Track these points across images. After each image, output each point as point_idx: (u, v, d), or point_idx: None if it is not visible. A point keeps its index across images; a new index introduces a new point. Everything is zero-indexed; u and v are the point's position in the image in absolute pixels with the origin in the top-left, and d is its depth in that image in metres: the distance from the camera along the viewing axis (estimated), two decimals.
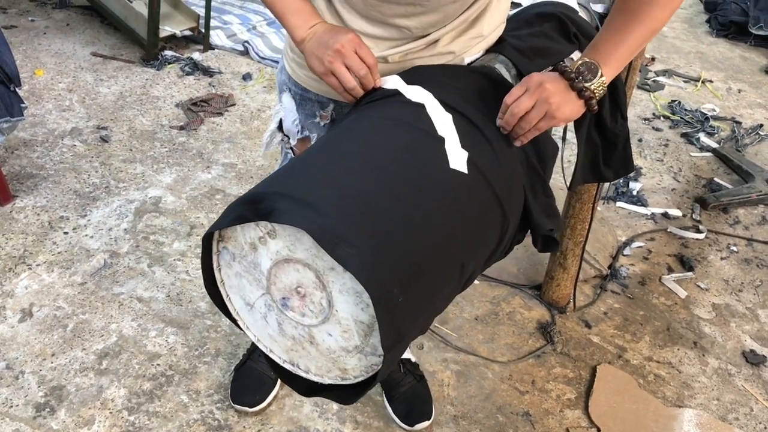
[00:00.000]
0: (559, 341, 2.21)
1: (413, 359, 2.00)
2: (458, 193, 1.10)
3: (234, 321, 1.20)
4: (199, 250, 2.39)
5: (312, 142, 1.58)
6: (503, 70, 1.44)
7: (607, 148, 1.78)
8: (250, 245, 1.10)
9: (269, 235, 1.06)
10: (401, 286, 0.95)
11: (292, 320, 1.08)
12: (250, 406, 1.88)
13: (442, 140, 1.15)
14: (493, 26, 1.43)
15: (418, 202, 1.04)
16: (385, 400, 1.94)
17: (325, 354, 1.06)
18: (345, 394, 1.07)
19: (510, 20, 1.63)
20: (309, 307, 1.05)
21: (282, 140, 1.67)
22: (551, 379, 2.09)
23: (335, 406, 1.92)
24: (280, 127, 1.66)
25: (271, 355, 1.16)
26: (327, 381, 1.08)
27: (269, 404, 1.91)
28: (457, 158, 1.14)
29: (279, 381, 1.95)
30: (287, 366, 1.14)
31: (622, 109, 1.75)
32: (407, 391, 1.92)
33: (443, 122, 1.19)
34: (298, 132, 1.59)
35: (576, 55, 1.61)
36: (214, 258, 1.15)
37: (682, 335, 2.31)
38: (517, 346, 2.19)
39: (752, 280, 2.59)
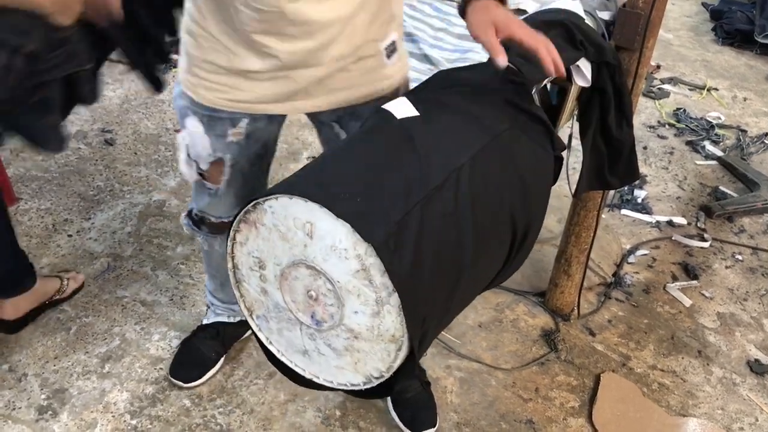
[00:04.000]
0: (562, 349, 2.21)
1: (422, 365, 1.98)
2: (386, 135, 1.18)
3: (311, 382, 1.22)
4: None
5: (226, 165, 1.53)
6: None
7: (612, 155, 1.78)
8: (262, 293, 1.15)
9: (261, 267, 1.10)
10: (352, 194, 1.02)
11: (330, 330, 1.10)
12: (185, 381, 1.94)
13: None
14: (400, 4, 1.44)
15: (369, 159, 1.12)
16: (390, 404, 1.92)
17: (371, 337, 1.07)
18: (409, 366, 1.10)
19: None
20: (327, 304, 1.07)
21: (196, 168, 1.57)
22: (555, 387, 2.08)
23: (338, 411, 1.92)
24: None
25: (353, 388, 1.17)
26: (397, 363, 1.09)
27: (204, 383, 1.95)
28: (403, 111, 1.20)
29: (219, 363, 1.99)
30: (369, 385, 1.15)
31: (627, 117, 1.75)
32: (413, 398, 1.90)
33: (394, 103, 1.25)
34: (209, 155, 1.52)
35: (582, 62, 1.62)
36: (261, 336, 1.21)
37: (687, 344, 2.30)
38: (520, 354, 2.18)
39: (757, 289, 2.58)
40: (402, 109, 1.20)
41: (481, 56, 3.97)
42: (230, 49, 1.34)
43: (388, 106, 1.21)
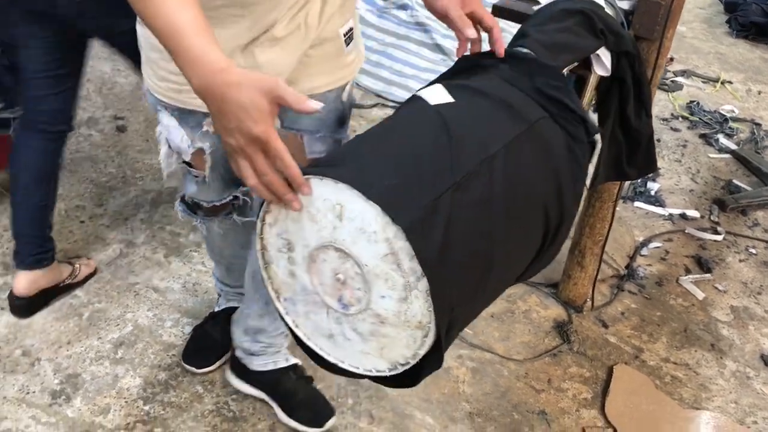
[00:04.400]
0: (575, 340, 2.20)
1: (299, 362, 1.90)
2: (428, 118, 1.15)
3: (335, 366, 1.21)
4: None
5: (207, 153, 1.47)
6: None
7: (630, 146, 1.77)
8: (290, 275, 1.14)
9: (289, 249, 1.10)
10: (383, 177, 1.01)
11: (357, 314, 1.09)
12: (198, 367, 1.94)
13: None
14: None
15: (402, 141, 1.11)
16: (284, 415, 1.84)
17: (398, 323, 1.06)
18: (435, 356, 1.09)
19: (535, 15, 1.62)
20: (355, 288, 1.07)
21: (176, 159, 1.52)
22: (567, 378, 2.07)
23: (350, 400, 1.92)
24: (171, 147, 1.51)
25: (379, 374, 1.16)
26: (423, 350, 1.08)
27: (217, 368, 1.96)
28: (437, 97, 1.18)
29: (229, 350, 1.96)
30: (394, 372, 1.14)
31: (646, 107, 1.73)
32: (304, 397, 1.85)
33: (428, 89, 1.22)
34: (189, 147, 1.46)
35: (602, 51, 1.60)
36: (288, 319, 1.20)
37: (700, 337, 2.29)
38: (533, 345, 2.17)
39: None
40: (436, 95, 1.18)
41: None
42: None
43: (423, 93, 1.20)
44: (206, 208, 1.67)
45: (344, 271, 1.07)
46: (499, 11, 1.89)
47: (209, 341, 1.98)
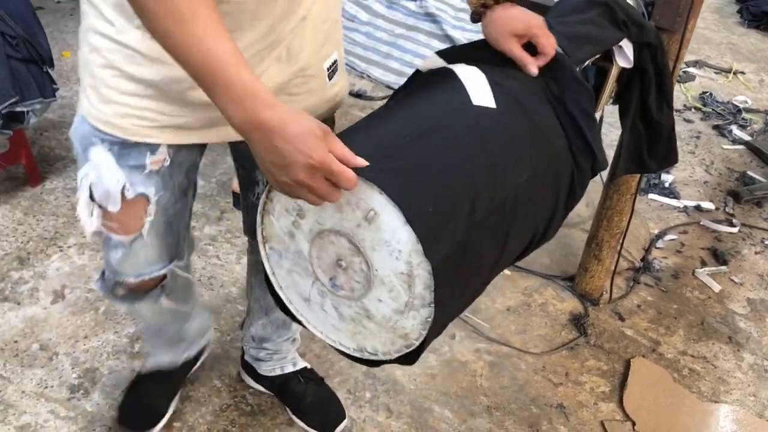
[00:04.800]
0: (592, 333, 2.19)
1: (308, 366, 1.87)
2: (483, 121, 1.14)
3: (300, 323, 1.20)
4: (230, 235, 2.38)
5: (151, 202, 1.25)
6: None
7: (651, 138, 1.75)
8: (288, 234, 1.12)
9: (299, 215, 1.07)
10: (426, 200, 0.99)
11: (345, 298, 1.08)
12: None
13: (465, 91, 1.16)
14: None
15: (438, 139, 1.08)
16: (295, 418, 1.81)
17: (384, 324, 1.06)
18: (407, 358, 1.09)
19: (557, 6, 1.60)
20: (354, 279, 1.05)
21: (98, 215, 1.24)
22: (585, 372, 2.07)
23: (368, 393, 1.91)
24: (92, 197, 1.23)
25: (341, 348, 1.17)
26: (395, 356, 1.08)
27: None
28: (480, 95, 1.15)
29: (169, 412, 1.78)
30: (358, 354, 1.14)
31: (668, 99, 1.72)
32: (313, 400, 1.81)
33: (468, 73, 1.20)
34: (126, 190, 1.21)
35: (624, 42, 1.58)
36: (266, 265, 1.17)
37: (717, 330, 2.28)
38: (550, 338, 2.16)
39: None
40: (479, 91, 1.16)
41: None
42: (160, 60, 1.06)
43: (467, 84, 1.18)
44: (132, 286, 1.39)
45: (349, 262, 1.05)
46: (518, 3, 1.87)
47: (146, 402, 1.78)
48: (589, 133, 1.26)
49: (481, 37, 1.37)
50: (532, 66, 1.26)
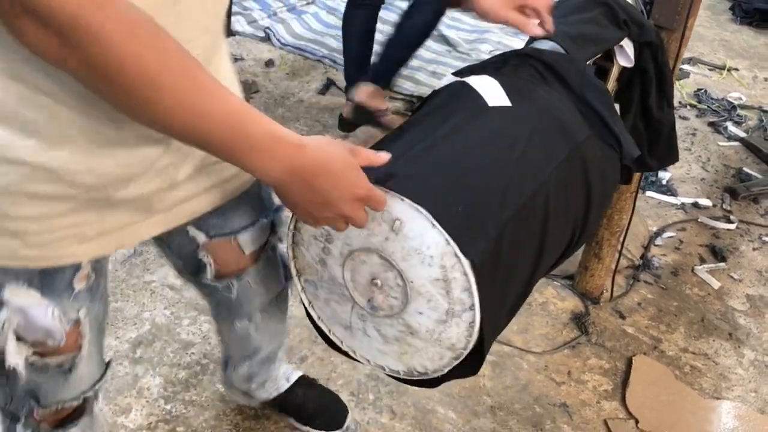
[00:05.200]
0: (593, 332, 2.20)
1: (302, 374, 1.81)
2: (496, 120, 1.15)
3: (346, 353, 1.19)
4: None
5: (83, 324, 1.11)
6: None
7: (652, 137, 1.75)
8: (319, 262, 1.11)
9: (327, 240, 1.06)
10: (452, 199, 0.98)
11: (386, 317, 1.07)
12: None
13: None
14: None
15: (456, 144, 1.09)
16: (302, 425, 1.79)
17: (429, 338, 1.04)
18: (467, 368, 1.07)
19: (558, 6, 1.60)
20: (391, 295, 1.04)
21: (31, 353, 1.08)
22: (587, 370, 2.07)
23: (371, 395, 1.91)
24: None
25: (391, 373, 1.15)
26: (446, 370, 1.07)
27: None
28: (495, 97, 1.16)
29: None
30: (408, 377, 1.13)
31: (668, 98, 1.72)
32: (315, 406, 1.79)
33: (479, 80, 1.21)
34: (65, 323, 1.06)
35: (625, 41, 1.58)
36: (304, 297, 1.17)
37: (717, 326, 2.29)
38: (551, 337, 2.17)
39: None
40: (493, 94, 1.16)
41: (500, 35, 3.94)
42: (63, 172, 0.90)
43: (480, 90, 1.18)
44: (58, 415, 1.22)
45: (384, 278, 1.04)
46: None
47: None
48: (613, 123, 1.25)
49: (476, 37, 1.37)
50: (534, 27, 1.27)
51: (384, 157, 0.94)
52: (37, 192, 0.90)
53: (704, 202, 2.86)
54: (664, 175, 2.97)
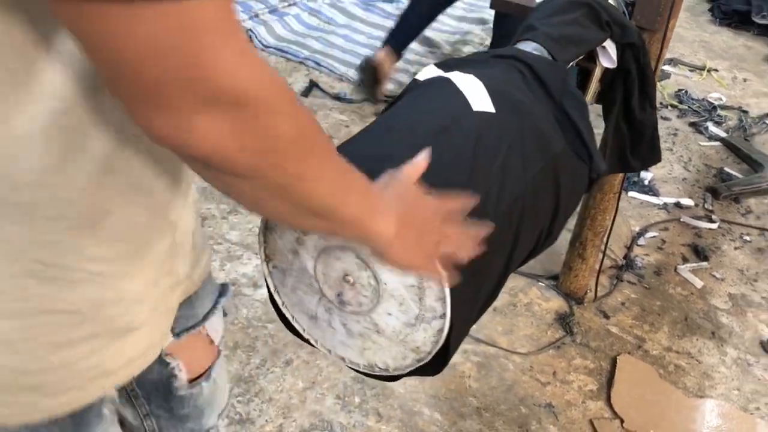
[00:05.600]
0: (578, 332, 2.20)
1: None
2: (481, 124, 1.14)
3: (308, 341, 1.18)
4: (215, 246, 2.36)
5: None
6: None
7: (634, 138, 1.77)
8: (291, 252, 1.09)
9: (303, 232, 1.05)
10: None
11: (353, 314, 1.06)
12: None
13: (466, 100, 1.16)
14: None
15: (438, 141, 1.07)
16: None
17: (394, 338, 1.04)
18: (429, 369, 1.07)
19: (540, 7, 1.61)
20: (362, 293, 1.03)
21: None
22: (572, 370, 2.08)
23: (357, 398, 1.90)
24: None
25: (351, 365, 1.14)
26: (407, 371, 1.06)
27: None
28: (479, 100, 1.15)
29: None
30: (368, 370, 1.13)
31: (650, 99, 1.73)
32: None
33: (465, 81, 1.20)
34: None
35: (608, 43, 1.59)
36: (269, 282, 1.15)
37: (700, 325, 2.30)
38: (536, 338, 2.17)
39: (766, 269, 2.58)
40: (478, 97, 1.16)
41: (481, 37, 3.94)
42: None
43: (465, 92, 1.17)
44: None
45: (357, 277, 1.03)
46: (499, 4, 1.88)
47: None
48: (585, 130, 1.26)
49: (458, 38, 1.38)
50: None
51: (423, 162, 0.91)
52: (61, 340, 0.78)
53: (686, 201, 2.89)
54: (647, 176, 2.99)
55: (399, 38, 3.23)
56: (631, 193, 2.88)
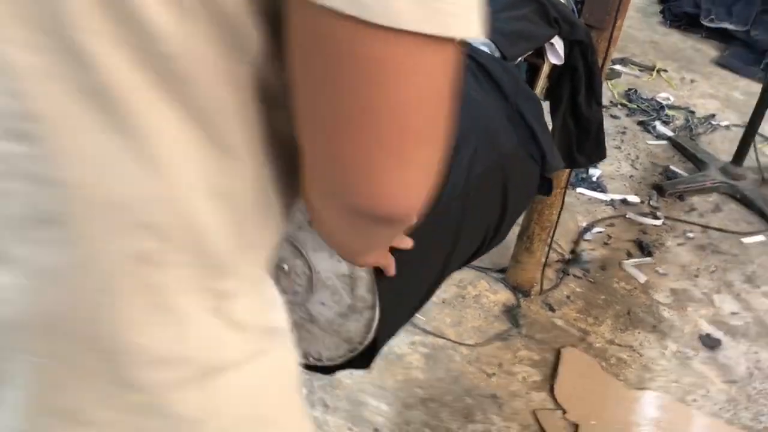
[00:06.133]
0: (524, 324, 2.24)
1: None
2: None
3: None
4: None
5: None
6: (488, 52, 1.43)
7: (580, 134, 1.80)
8: None
9: None
10: None
11: (287, 303, 1.06)
12: None
13: None
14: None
15: None
16: None
17: (328, 328, 1.05)
18: (360, 361, 1.08)
19: (490, 2, 1.62)
20: (296, 282, 1.04)
21: None
22: (517, 362, 2.11)
23: (304, 389, 1.90)
24: None
25: None
26: (339, 361, 1.08)
27: None
28: None
29: None
30: (303, 360, 1.13)
31: (597, 96, 1.77)
32: None
33: None
34: None
35: (556, 39, 1.62)
36: None
37: (643, 319, 2.36)
38: (483, 329, 2.20)
39: (707, 266, 2.66)
40: None
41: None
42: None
43: None
44: None
45: (291, 265, 1.04)
46: None
47: None
48: (539, 130, 1.28)
49: None
50: None
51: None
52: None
53: (632, 198, 2.95)
54: (595, 172, 3.04)
55: None
56: (580, 190, 2.93)
